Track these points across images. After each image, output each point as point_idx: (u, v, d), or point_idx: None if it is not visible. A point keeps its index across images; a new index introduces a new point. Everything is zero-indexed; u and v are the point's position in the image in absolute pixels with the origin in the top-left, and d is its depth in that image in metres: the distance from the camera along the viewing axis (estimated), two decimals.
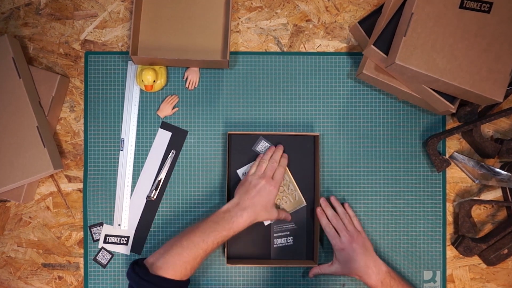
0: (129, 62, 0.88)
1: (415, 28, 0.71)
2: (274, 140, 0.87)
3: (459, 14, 0.72)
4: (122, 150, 0.88)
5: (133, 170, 0.88)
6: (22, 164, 0.80)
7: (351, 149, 0.88)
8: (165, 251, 0.71)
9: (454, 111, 0.79)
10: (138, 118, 0.88)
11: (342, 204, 0.85)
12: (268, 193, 0.77)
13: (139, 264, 0.71)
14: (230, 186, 0.86)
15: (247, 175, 0.81)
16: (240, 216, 0.74)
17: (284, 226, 0.86)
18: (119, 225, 0.87)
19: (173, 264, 0.69)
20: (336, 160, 0.88)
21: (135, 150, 0.88)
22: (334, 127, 0.88)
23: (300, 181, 0.86)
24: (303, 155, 0.87)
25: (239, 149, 0.86)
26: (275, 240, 0.86)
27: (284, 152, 0.85)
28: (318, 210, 0.83)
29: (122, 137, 0.88)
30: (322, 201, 0.84)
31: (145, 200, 0.87)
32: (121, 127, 0.88)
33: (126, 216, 0.87)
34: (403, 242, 0.87)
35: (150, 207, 0.88)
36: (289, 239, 0.86)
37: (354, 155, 0.88)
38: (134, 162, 0.88)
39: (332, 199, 0.85)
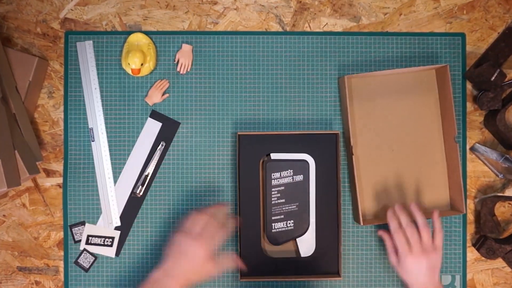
0: (86, 43, 0.81)
1: None
2: (289, 140, 0.79)
3: None
4: (93, 141, 0.83)
5: (116, 163, 0.83)
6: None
7: None
8: None
9: None
10: (125, 105, 0.83)
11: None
12: (195, 254, 0.70)
13: None
14: (241, 197, 0.80)
15: (177, 231, 0.73)
16: (168, 286, 0.69)
17: (283, 209, 0.80)
18: (110, 223, 0.82)
19: None
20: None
21: (108, 139, 0.82)
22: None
23: (320, 184, 0.80)
24: (320, 154, 0.80)
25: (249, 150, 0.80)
26: (273, 224, 0.80)
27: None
28: (389, 212, 0.76)
29: (90, 126, 0.83)
30: (398, 207, 0.76)
31: (127, 197, 0.82)
32: (87, 115, 0.83)
33: (116, 211, 0.82)
34: None
35: (133, 204, 0.83)
36: (289, 223, 0.80)
37: None
38: (119, 154, 0.83)
39: (413, 206, 0.76)
